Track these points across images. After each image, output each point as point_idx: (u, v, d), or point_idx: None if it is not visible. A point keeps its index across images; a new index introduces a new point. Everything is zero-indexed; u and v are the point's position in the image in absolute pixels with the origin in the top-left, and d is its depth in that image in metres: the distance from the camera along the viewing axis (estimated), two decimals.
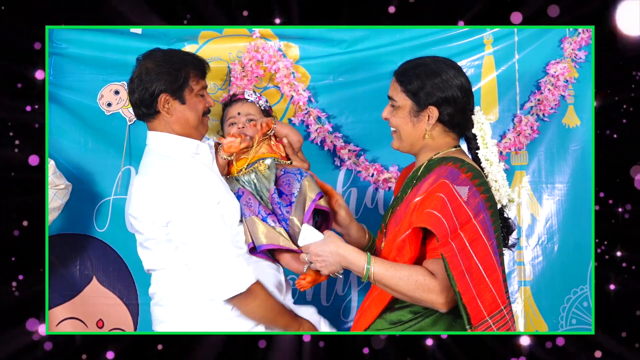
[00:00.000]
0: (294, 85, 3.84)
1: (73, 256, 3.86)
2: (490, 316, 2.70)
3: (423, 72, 2.87)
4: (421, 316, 2.83)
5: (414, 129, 2.91)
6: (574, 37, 3.78)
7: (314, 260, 2.89)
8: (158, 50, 3.10)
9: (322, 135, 3.85)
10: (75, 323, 3.86)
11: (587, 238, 3.47)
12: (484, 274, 2.70)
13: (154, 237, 2.98)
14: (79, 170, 3.85)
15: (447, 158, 2.88)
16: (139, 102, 3.03)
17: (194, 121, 3.06)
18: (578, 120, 3.81)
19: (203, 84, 3.09)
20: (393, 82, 2.95)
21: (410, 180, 2.97)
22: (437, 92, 2.86)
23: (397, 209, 2.95)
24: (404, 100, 2.90)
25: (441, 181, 2.76)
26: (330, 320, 3.88)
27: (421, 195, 2.79)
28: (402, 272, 2.74)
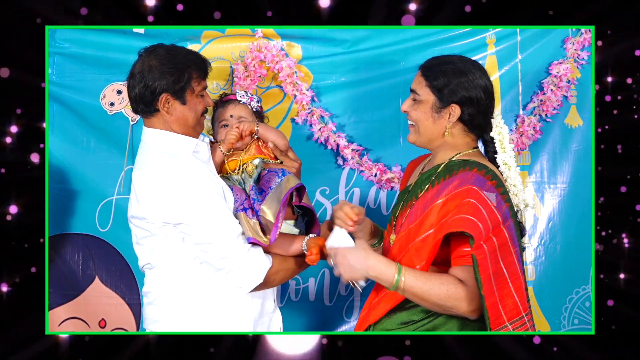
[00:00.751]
0: (297, 85, 3.84)
1: (75, 256, 3.86)
2: (511, 322, 2.70)
3: (450, 70, 2.87)
4: (432, 315, 2.82)
5: (434, 125, 2.91)
6: (576, 38, 3.77)
7: (339, 262, 2.84)
8: (161, 47, 3.05)
9: (325, 134, 3.85)
10: (77, 323, 3.87)
11: (589, 238, 3.46)
12: (508, 280, 2.71)
13: (157, 234, 2.97)
14: (81, 170, 3.85)
15: (470, 162, 2.87)
16: (139, 98, 2.99)
17: (193, 121, 3.04)
18: (580, 121, 3.80)
19: (204, 85, 3.07)
20: (418, 76, 2.95)
21: (427, 176, 2.95)
22: (462, 90, 2.86)
23: (410, 204, 2.94)
24: (427, 95, 2.90)
25: (468, 187, 2.75)
26: (333, 320, 3.92)
27: (443, 197, 2.79)
28: (433, 282, 2.72)
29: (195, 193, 2.89)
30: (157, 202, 2.91)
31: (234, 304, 3.00)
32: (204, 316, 3.00)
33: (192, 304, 3.00)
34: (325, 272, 3.90)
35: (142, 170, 3.00)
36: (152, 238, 2.98)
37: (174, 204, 2.88)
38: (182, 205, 2.88)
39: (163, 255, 2.99)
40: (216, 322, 3.01)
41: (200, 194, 2.89)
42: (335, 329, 3.90)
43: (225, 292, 2.97)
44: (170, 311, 3.02)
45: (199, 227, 2.89)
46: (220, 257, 2.90)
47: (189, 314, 3.00)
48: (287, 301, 3.90)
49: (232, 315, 3.01)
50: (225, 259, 2.89)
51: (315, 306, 3.91)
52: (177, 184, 2.90)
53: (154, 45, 3.07)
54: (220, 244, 2.88)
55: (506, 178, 2.90)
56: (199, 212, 2.88)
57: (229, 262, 2.89)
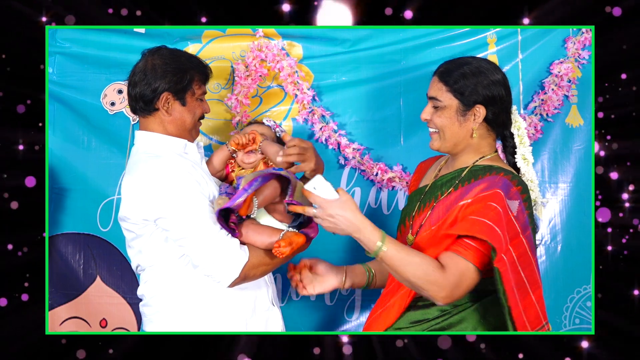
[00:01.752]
0: (298, 84, 3.84)
1: (77, 256, 3.87)
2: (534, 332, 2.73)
3: (469, 71, 2.87)
4: (448, 314, 2.84)
5: (461, 129, 2.90)
6: (577, 37, 3.77)
7: (324, 218, 2.80)
8: (165, 48, 3.11)
9: (326, 133, 3.86)
10: (78, 323, 3.87)
11: (590, 237, 3.46)
12: (529, 290, 2.72)
13: (142, 234, 2.99)
14: (82, 169, 3.85)
15: (496, 168, 2.88)
16: (139, 96, 3.03)
17: (190, 124, 3.08)
18: (581, 120, 3.80)
19: (204, 89, 3.12)
20: (435, 83, 2.93)
21: (449, 179, 2.95)
22: (484, 90, 2.86)
23: (431, 204, 2.94)
24: (450, 100, 2.88)
25: (496, 191, 2.75)
26: (334, 320, 3.92)
27: (470, 198, 2.78)
28: (413, 258, 2.72)
29: (172, 187, 2.90)
30: (135, 198, 2.94)
31: (222, 302, 3.01)
32: (194, 315, 3.00)
33: (182, 303, 3.01)
34: None
35: (127, 173, 3.05)
36: (139, 240, 3.01)
37: (151, 198, 2.91)
38: (159, 199, 2.90)
39: (151, 256, 3.01)
40: (206, 321, 3.01)
41: (177, 188, 2.90)
42: (336, 328, 3.90)
43: (212, 290, 2.97)
44: (162, 311, 3.04)
45: (175, 220, 2.90)
46: (196, 251, 2.90)
47: (180, 313, 3.01)
48: (288, 300, 3.90)
49: (221, 313, 3.01)
50: (201, 254, 2.89)
51: (316, 305, 3.91)
52: (154, 179, 2.92)
53: (158, 47, 3.12)
54: (196, 238, 2.88)
55: (524, 173, 2.92)
56: (175, 205, 2.89)
57: (204, 257, 2.89)
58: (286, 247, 2.89)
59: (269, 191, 3.00)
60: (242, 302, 3.04)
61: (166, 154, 3.01)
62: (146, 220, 2.95)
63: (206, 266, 2.90)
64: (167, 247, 2.97)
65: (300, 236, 2.97)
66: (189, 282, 2.98)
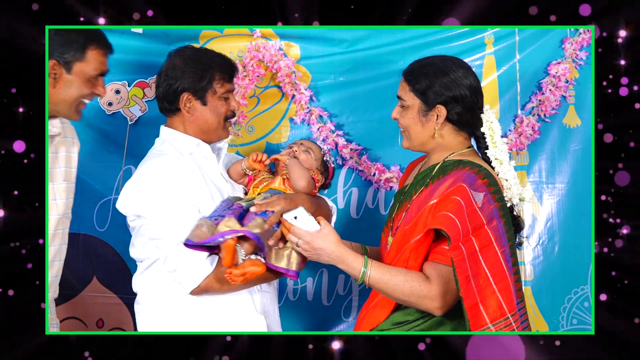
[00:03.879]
0: (296, 85, 3.84)
1: (73, 255, 3.85)
2: (494, 323, 2.67)
3: (431, 71, 2.86)
4: (427, 315, 2.81)
5: (423, 129, 2.90)
6: (575, 38, 3.78)
7: (305, 250, 2.84)
8: (190, 48, 3.14)
9: (323, 134, 3.86)
10: (75, 323, 3.86)
11: (587, 238, 3.47)
12: (491, 281, 2.68)
13: (134, 227, 3.04)
14: (79, 170, 3.82)
15: (464, 162, 2.86)
16: (162, 96, 3.07)
17: (214, 124, 3.08)
18: (579, 121, 3.81)
19: (228, 87, 3.09)
20: (402, 82, 2.94)
21: (423, 178, 2.95)
22: (446, 91, 2.85)
23: (406, 205, 2.94)
24: (412, 99, 2.89)
25: (459, 185, 2.75)
26: (331, 320, 3.92)
27: (437, 198, 2.78)
28: (397, 278, 2.73)
29: (157, 187, 2.92)
30: (127, 192, 3.00)
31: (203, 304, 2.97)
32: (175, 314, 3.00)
33: (166, 301, 3.01)
34: (324, 272, 3.90)
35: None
36: (133, 232, 3.05)
37: (137, 194, 2.95)
38: (143, 197, 2.93)
39: (140, 251, 3.04)
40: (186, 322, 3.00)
41: (161, 189, 2.91)
42: (333, 328, 3.91)
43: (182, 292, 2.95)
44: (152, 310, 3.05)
45: (152, 221, 2.92)
46: (165, 254, 2.90)
47: (163, 310, 3.02)
48: (285, 301, 3.89)
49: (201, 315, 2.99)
50: (170, 257, 2.89)
51: (313, 306, 3.92)
52: (145, 177, 2.95)
53: (184, 46, 3.16)
54: (166, 242, 2.89)
55: (498, 172, 2.90)
56: (154, 206, 2.91)
57: (172, 261, 2.89)
58: (238, 276, 2.82)
59: (248, 244, 2.90)
60: (224, 306, 3.00)
61: (171, 152, 3.03)
62: (133, 215, 3.00)
63: (172, 270, 2.91)
64: (151, 245, 2.98)
65: (260, 266, 2.87)
66: (171, 283, 2.97)
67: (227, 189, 3.12)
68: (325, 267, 3.87)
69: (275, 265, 2.90)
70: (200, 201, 2.96)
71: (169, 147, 3.06)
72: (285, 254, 2.93)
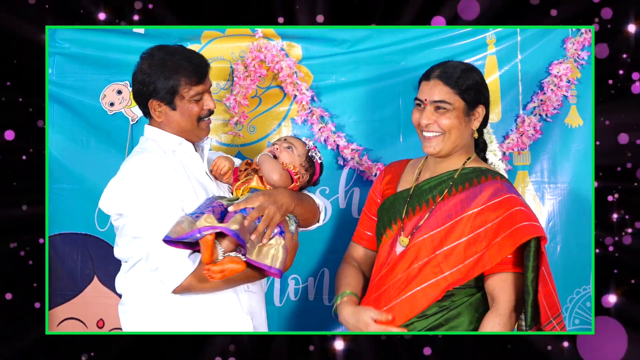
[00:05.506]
0: (297, 85, 3.84)
1: (74, 255, 3.86)
2: (553, 317, 2.84)
3: (469, 74, 2.98)
4: (446, 309, 2.90)
5: (465, 129, 3.00)
6: (576, 38, 3.76)
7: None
8: (158, 51, 3.04)
9: (325, 134, 3.85)
10: (75, 324, 3.87)
11: (589, 238, 3.46)
12: (548, 279, 2.84)
13: (117, 226, 3.02)
14: (81, 170, 3.85)
15: (490, 172, 3.01)
16: (135, 100, 3.06)
17: (187, 126, 3.04)
18: (581, 120, 3.79)
19: (198, 90, 3.01)
20: (438, 85, 2.97)
21: (440, 183, 3.02)
22: (484, 91, 3.00)
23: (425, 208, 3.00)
24: (458, 102, 2.96)
25: (510, 196, 2.89)
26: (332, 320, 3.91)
27: (477, 207, 2.89)
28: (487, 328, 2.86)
29: (137, 185, 2.89)
30: (109, 191, 2.97)
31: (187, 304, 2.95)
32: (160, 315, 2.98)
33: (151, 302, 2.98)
34: (325, 272, 3.90)
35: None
36: (117, 232, 3.03)
37: (118, 193, 2.92)
38: (124, 195, 2.91)
39: (124, 250, 3.02)
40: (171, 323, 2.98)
41: (141, 187, 2.89)
42: (334, 328, 3.88)
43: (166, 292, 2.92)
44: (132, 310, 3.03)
45: (133, 219, 2.90)
46: (148, 252, 2.88)
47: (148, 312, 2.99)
48: (286, 301, 3.89)
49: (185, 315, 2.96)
50: (152, 256, 2.87)
51: (315, 306, 3.91)
52: (126, 175, 2.93)
53: (152, 49, 3.07)
54: (148, 240, 2.86)
55: (493, 164, 3.15)
56: (135, 204, 2.89)
57: (154, 259, 2.87)
58: (217, 272, 2.79)
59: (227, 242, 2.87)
60: (210, 306, 2.98)
61: (154, 150, 3.00)
62: (114, 214, 2.98)
63: (154, 268, 2.89)
64: (135, 244, 2.95)
65: (239, 263, 2.82)
66: (155, 282, 2.94)
67: (213, 187, 3.10)
68: (327, 267, 3.88)
69: (258, 262, 2.86)
70: (183, 199, 2.94)
71: (152, 144, 3.02)
72: (269, 251, 2.90)
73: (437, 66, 3.03)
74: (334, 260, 3.84)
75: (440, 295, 2.89)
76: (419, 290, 2.91)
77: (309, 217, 3.17)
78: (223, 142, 3.89)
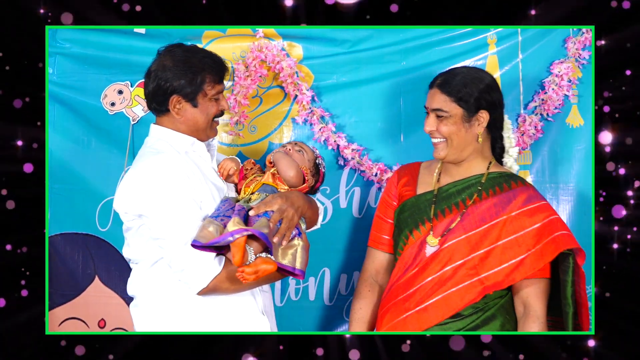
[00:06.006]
0: (298, 85, 3.84)
1: (75, 255, 3.87)
2: None
3: (469, 80, 3.03)
4: (480, 311, 2.97)
5: (467, 135, 3.05)
6: (577, 37, 3.76)
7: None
8: (179, 47, 3.05)
9: (325, 134, 3.85)
10: (77, 324, 3.87)
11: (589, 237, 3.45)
12: None
13: (131, 227, 2.99)
14: (81, 170, 3.86)
15: (518, 177, 3.11)
16: (152, 96, 3.02)
17: (203, 124, 3.04)
18: (582, 120, 3.79)
19: (219, 89, 3.05)
20: (436, 94, 3.05)
21: (467, 186, 3.09)
22: (486, 96, 3.02)
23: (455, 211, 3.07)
24: (455, 109, 3.02)
25: (545, 204, 3.01)
26: (333, 320, 3.92)
27: (512, 212, 2.98)
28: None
29: (160, 186, 2.88)
30: (126, 192, 2.95)
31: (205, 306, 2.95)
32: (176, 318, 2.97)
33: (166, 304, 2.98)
34: (326, 272, 3.90)
35: (131, 165, 3.04)
36: (128, 232, 3.01)
37: (138, 194, 2.90)
38: (145, 196, 2.89)
39: (138, 251, 3.00)
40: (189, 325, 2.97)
41: (164, 188, 2.88)
42: (335, 328, 3.90)
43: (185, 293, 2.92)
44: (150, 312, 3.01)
45: (155, 220, 2.89)
46: (171, 254, 2.87)
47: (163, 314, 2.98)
48: (287, 301, 3.89)
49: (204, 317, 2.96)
50: (175, 258, 2.86)
51: (316, 305, 3.91)
52: (145, 176, 2.91)
53: (173, 45, 3.08)
54: (172, 242, 2.86)
55: (511, 168, 3.15)
56: (158, 205, 2.87)
57: (178, 261, 2.86)
58: (251, 274, 2.80)
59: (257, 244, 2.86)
60: (228, 307, 2.98)
61: (168, 150, 2.99)
62: (127, 214, 2.96)
63: (179, 270, 2.88)
64: (153, 245, 2.95)
65: (271, 264, 2.84)
66: (173, 283, 2.94)
67: (224, 187, 3.11)
68: (328, 266, 3.88)
69: (282, 264, 2.89)
70: (201, 200, 2.94)
71: (164, 145, 3.01)
72: (290, 252, 2.93)
73: (441, 74, 3.12)
74: (334, 260, 3.87)
75: (478, 297, 2.96)
76: (454, 292, 2.97)
77: (315, 219, 3.20)
78: (224, 142, 3.89)
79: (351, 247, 3.87)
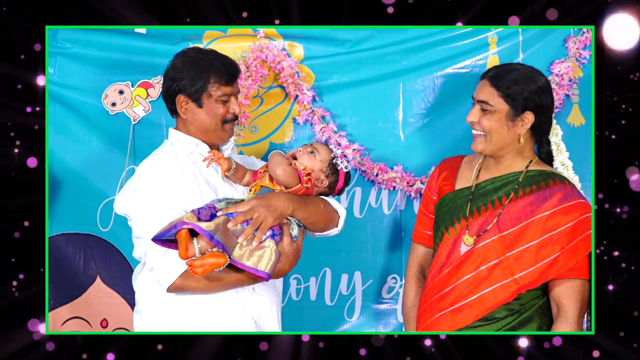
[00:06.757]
0: (299, 85, 3.84)
1: (77, 256, 3.87)
2: None
3: (521, 78, 2.98)
4: (516, 313, 2.96)
5: (508, 133, 3.01)
6: (578, 37, 3.76)
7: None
8: (192, 50, 3.11)
9: (326, 134, 3.85)
10: (79, 323, 3.88)
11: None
12: None
13: (131, 227, 3.02)
14: (82, 170, 3.86)
15: (558, 175, 3.05)
16: (164, 97, 3.10)
17: (210, 125, 3.05)
18: (583, 120, 3.79)
19: (225, 90, 3.04)
20: (486, 86, 3.02)
21: (504, 184, 3.06)
22: (535, 98, 2.98)
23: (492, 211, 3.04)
24: (501, 104, 2.98)
25: (581, 201, 2.97)
26: (334, 320, 3.91)
27: (548, 211, 2.95)
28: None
29: (140, 187, 2.93)
30: (121, 192, 3.01)
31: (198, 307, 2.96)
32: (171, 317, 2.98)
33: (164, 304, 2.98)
34: (327, 272, 3.90)
35: None
36: (132, 233, 3.03)
37: (126, 194, 2.96)
38: (129, 197, 2.95)
39: (134, 251, 3.04)
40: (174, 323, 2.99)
41: (144, 189, 2.92)
42: (336, 328, 3.90)
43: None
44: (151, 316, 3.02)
45: (133, 220, 2.95)
46: (144, 253, 2.93)
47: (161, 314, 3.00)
48: (288, 301, 3.89)
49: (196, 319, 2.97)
50: (148, 256, 2.91)
51: (317, 305, 3.91)
52: (135, 177, 2.97)
53: (187, 48, 3.15)
54: (143, 241, 2.90)
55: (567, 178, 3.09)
56: (136, 205, 2.93)
57: (149, 260, 2.91)
58: (198, 267, 2.76)
59: (204, 242, 2.83)
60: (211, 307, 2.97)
61: (166, 152, 3.03)
62: (123, 216, 3.01)
63: (151, 268, 2.92)
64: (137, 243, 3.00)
65: (220, 257, 2.80)
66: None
67: (226, 190, 3.09)
68: (329, 266, 3.88)
69: (243, 264, 2.83)
70: (188, 200, 2.95)
71: (167, 147, 3.07)
72: (257, 254, 2.86)
73: (495, 67, 3.10)
74: (335, 260, 3.86)
75: (511, 297, 2.95)
76: (489, 292, 2.96)
77: (316, 222, 3.11)
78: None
79: (352, 247, 3.87)
